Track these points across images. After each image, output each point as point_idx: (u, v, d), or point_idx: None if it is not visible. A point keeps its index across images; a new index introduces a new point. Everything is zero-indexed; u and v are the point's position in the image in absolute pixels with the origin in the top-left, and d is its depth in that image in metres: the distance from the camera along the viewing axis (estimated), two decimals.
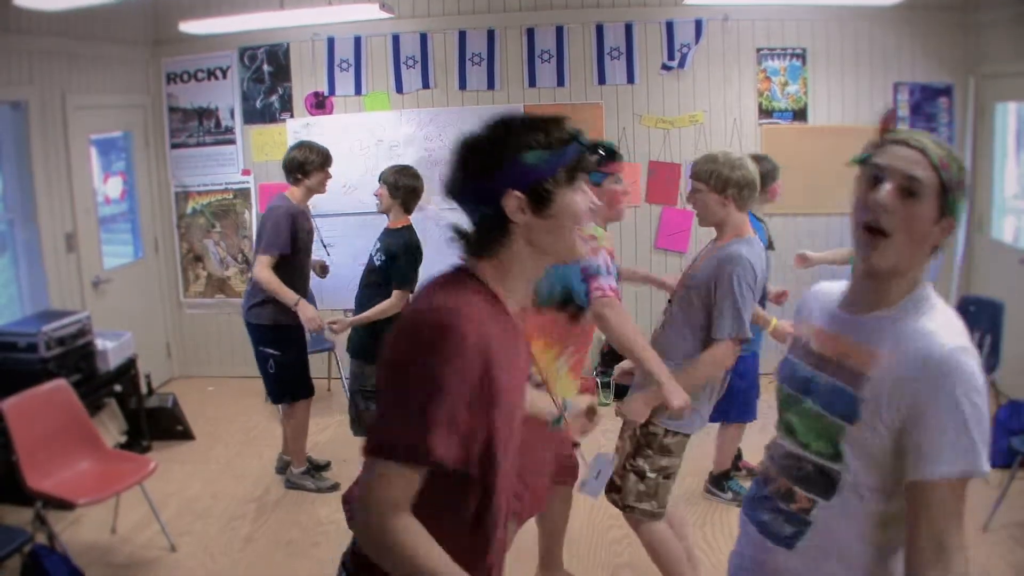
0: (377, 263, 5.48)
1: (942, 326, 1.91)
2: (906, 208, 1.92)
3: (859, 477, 1.97)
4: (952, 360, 1.83)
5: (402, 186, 5.46)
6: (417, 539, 1.79)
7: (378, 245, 5.54)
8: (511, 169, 1.94)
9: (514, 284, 2.03)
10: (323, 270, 6.44)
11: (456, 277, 2.00)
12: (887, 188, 1.93)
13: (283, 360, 5.80)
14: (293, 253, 5.66)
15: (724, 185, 3.75)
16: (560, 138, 1.96)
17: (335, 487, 5.95)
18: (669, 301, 4.06)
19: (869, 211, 1.95)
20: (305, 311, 5.60)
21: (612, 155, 3.87)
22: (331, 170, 5.88)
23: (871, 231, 1.95)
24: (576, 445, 2.12)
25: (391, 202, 5.49)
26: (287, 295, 5.58)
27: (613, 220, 3.99)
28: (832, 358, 2.06)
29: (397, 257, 5.40)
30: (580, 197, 1.99)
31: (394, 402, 1.81)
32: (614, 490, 3.96)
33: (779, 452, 2.19)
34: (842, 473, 1.99)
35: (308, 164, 5.69)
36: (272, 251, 5.58)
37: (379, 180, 5.57)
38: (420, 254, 5.52)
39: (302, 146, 5.82)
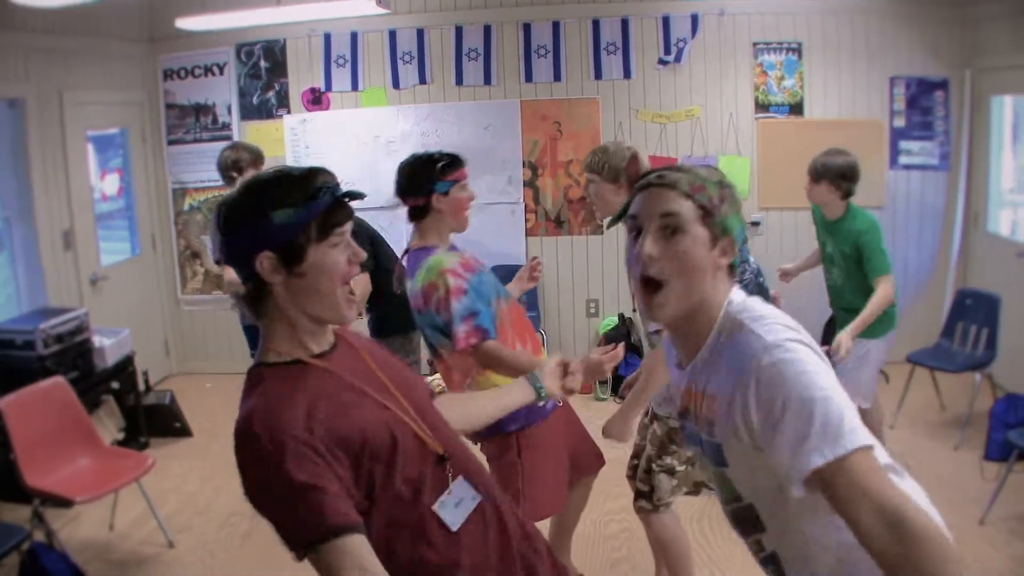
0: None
1: (749, 335, 1.84)
2: (672, 247, 1.88)
3: (761, 505, 1.96)
4: (770, 364, 1.75)
5: None
6: None
7: None
8: (259, 229, 1.93)
9: (300, 340, 2.03)
10: None
11: (249, 381, 2.02)
12: (648, 235, 1.90)
13: None
14: None
15: (616, 174, 3.80)
16: (307, 192, 1.93)
17: None
18: None
19: (639, 263, 1.91)
20: None
21: (456, 162, 3.77)
22: (265, 166, 5.85)
23: (647, 283, 1.91)
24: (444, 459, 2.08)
25: None
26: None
27: (459, 230, 3.83)
28: (692, 412, 2.03)
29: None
30: (336, 252, 1.96)
31: (280, 517, 1.87)
32: (643, 497, 3.93)
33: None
34: (753, 505, 1.99)
35: (241, 161, 5.70)
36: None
37: None
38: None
39: (234, 146, 5.89)
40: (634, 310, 5.06)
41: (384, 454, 1.96)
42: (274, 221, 1.92)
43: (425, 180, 3.68)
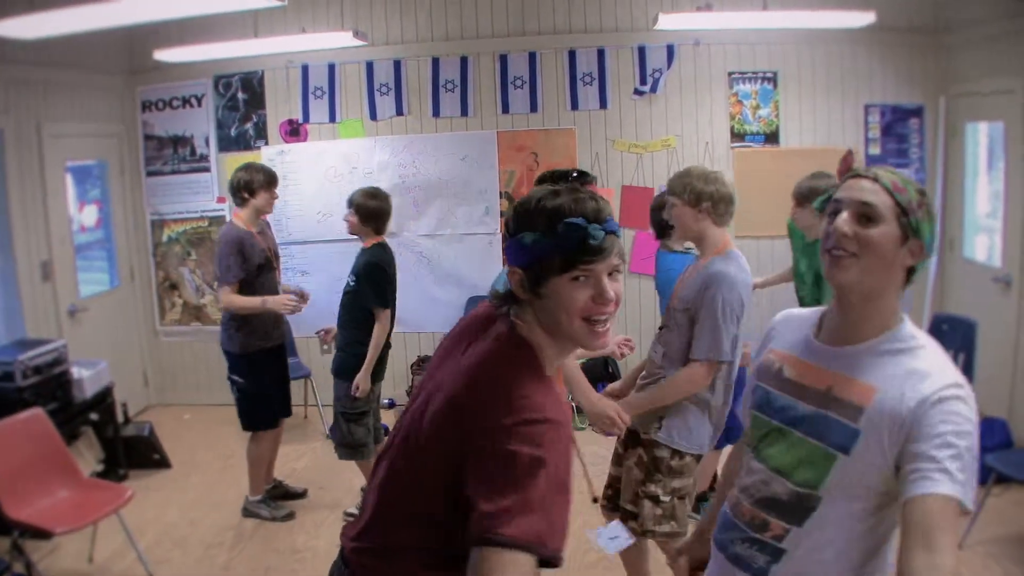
0: (351, 284, 5.48)
1: (935, 365, 1.98)
2: (864, 232, 1.99)
3: (839, 504, 2.01)
4: (955, 397, 1.89)
5: (370, 208, 5.47)
6: None
7: (352, 266, 5.56)
8: (515, 245, 1.98)
9: (544, 352, 2.03)
10: (302, 298, 6.09)
11: (518, 347, 2.01)
12: (844, 216, 2.01)
13: (245, 388, 5.77)
14: (248, 277, 5.66)
15: (698, 199, 3.73)
16: (550, 223, 1.92)
17: (290, 516, 5.95)
18: (662, 327, 4.01)
19: (831, 238, 2.03)
20: (276, 303, 5.65)
21: None
22: (279, 191, 5.92)
23: (835, 255, 2.02)
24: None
25: (362, 227, 5.49)
26: (251, 302, 5.60)
27: None
28: (819, 389, 2.09)
29: (364, 276, 5.40)
30: (576, 288, 1.92)
31: (531, 498, 1.74)
32: (631, 517, 3.94)
33: (752, 481, 2.21)
34: (822, 499, 2.02)
35: (254, 183, 5.68)
36: (228, 281, 5.59)
37: (347, 204, 5.57)
38: (387, 270, 5.51)
39: (248, 167, 5.82)
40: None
41: None
42: (524, 241, 1.95)
43: None
